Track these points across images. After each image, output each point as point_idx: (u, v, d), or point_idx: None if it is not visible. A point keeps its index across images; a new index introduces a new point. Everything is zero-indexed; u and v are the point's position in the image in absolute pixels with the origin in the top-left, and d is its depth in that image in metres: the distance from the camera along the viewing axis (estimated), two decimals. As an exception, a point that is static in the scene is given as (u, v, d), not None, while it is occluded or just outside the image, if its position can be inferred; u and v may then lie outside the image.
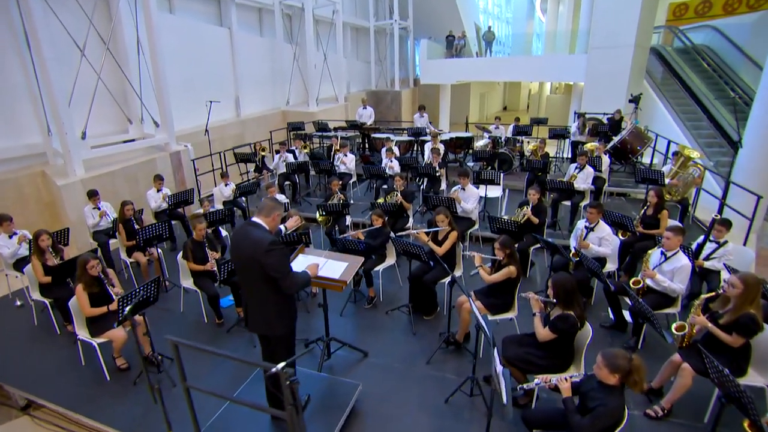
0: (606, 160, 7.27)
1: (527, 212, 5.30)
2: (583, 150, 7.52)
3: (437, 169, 7.26)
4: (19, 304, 5.23)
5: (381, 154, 8.46)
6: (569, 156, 9.62)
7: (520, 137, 9.48)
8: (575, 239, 4.77)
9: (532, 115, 13.23)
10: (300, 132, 10.79)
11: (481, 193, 6.81)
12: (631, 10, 10.91)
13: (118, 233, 5.58)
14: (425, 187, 7.50)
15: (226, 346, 4.38)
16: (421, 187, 7.67)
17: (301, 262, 3.60)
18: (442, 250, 4.55)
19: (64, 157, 6.71)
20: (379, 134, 10.51)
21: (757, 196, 5.54)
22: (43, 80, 6.39)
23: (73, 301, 3.91)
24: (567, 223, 6.58)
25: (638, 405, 3.39)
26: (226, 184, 7.17)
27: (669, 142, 8.10)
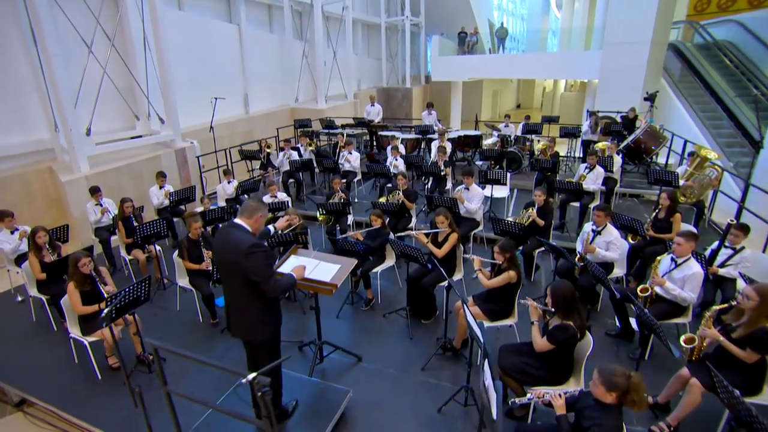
0: (618, 160, 6.98)
1: (532, 214, 5.11)
2: (593, 149, 7.26)
3: (442, 168, 7.09)
4: (20, 299, 5.25)
5: (387, 152, 8.33)
6: (580, 155, 9.32)
7: (530, 136, 9.23)
8: (581, 243, 4.57)
9: (546, 114, 12.87)
10: (307, 129, 10.71)
11: (487, 193, 6.63)
12: (649, 5, 10.49)
13: (117, 230, 5.57)
14: (430, 186, 7.34)
15: (220, 346, 4.32)
16: (426, 186, 7.51)
17: (293, 264, 3.51)
18: (442, 252, 4.41)
19: (69, 153, 6.74)
20: (387, 132, 10.37)
21: (778, 200, 5.27)
22: (48, 76, 6.41)
23: (65, 298, 3.88)
24: (575, 225, 6.35)
25: (642, 420, 3.21)
26: (229, 182, 7.13)
27: (685, 141, 7.76)
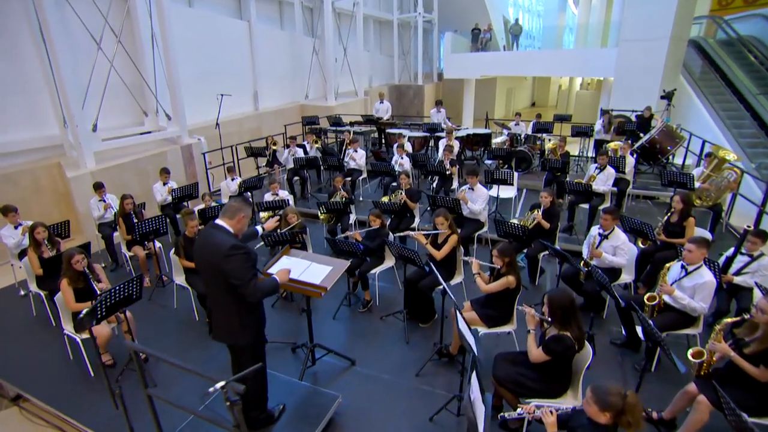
0: (631, 160, 6.70)
1: (537, 216, 4.93)
2: (605, 149, 7.00)
3: (448, 167, 6.92)
4: (23, 293, 5.31)
5: (394, 150, 8.20)
6: (593, 155, 9.04)
7: (540, 135, 8.98)
8: (587, 247, 4.39)
9: (561, 112, 12.54)
10: (314, 126, 10.64)
11: (493, 194, 6.46)
12: (668, 0, 10.10)
13: (118, 227, 5.58)
14: (436, 185, 7.19)
15: (214, 345, 4.25)
16: (432, 185, 7.36)
17: (285, 264, 3.44)
18: (441, 254, 4.28)
19: (75, 149, 6.79)
20: (395, 129, 10.23)
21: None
22: (55, 72, 6.45)
23: (59, 295, 3.88)
24: (584, 228, 6.12)
25: (646, 437, 3.04)
26: (233, 179, 7.10)
27: (704, 141, 7.43)
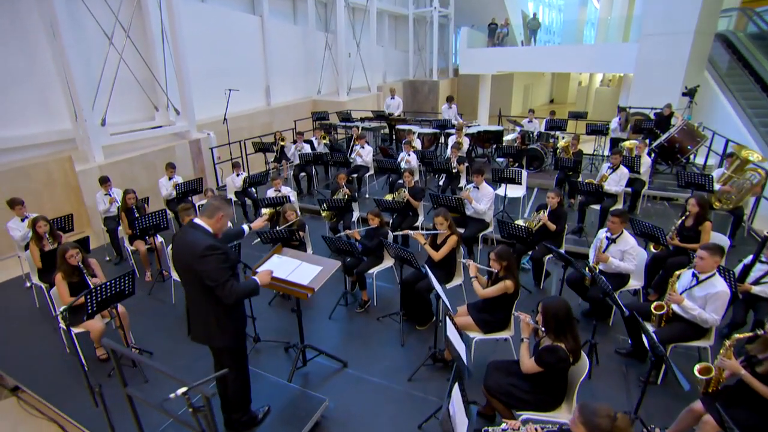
0: (647, 160, 6.38)
1: (543, 217, 4.74)
2: (618, 148, 6.70)
3: (455, 164, 6.75)
4: (28, 285, 5.38)
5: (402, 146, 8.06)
6: (608, 154, 8.71)
7: (553, 132, 8.69)
8: (594, 251, 4.18)
9: (579, 109, 12.14)
10: (324, 122, 10.57)
11: (501, 193, 6.27)
12: (693, -7, 9.64)
13: (121, 221, 5.61)
14: (443, 183, 7.03)
15: (208, 343, 4.24)
16: (439, 183, 7.19)
17: (275, 263, 3.37)
18: (439, 255, 4.14)
19: (84, 143, 6.87)
20: (405, 125, 10.08)
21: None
22: (65, 67, 6.52)
23: (54, 289, 3.90)
24: (595, 230, 5.87)
25: (647, 456, 2.86)
26: (238, 174, 7.08)
27: (727, 141, 7.05)
